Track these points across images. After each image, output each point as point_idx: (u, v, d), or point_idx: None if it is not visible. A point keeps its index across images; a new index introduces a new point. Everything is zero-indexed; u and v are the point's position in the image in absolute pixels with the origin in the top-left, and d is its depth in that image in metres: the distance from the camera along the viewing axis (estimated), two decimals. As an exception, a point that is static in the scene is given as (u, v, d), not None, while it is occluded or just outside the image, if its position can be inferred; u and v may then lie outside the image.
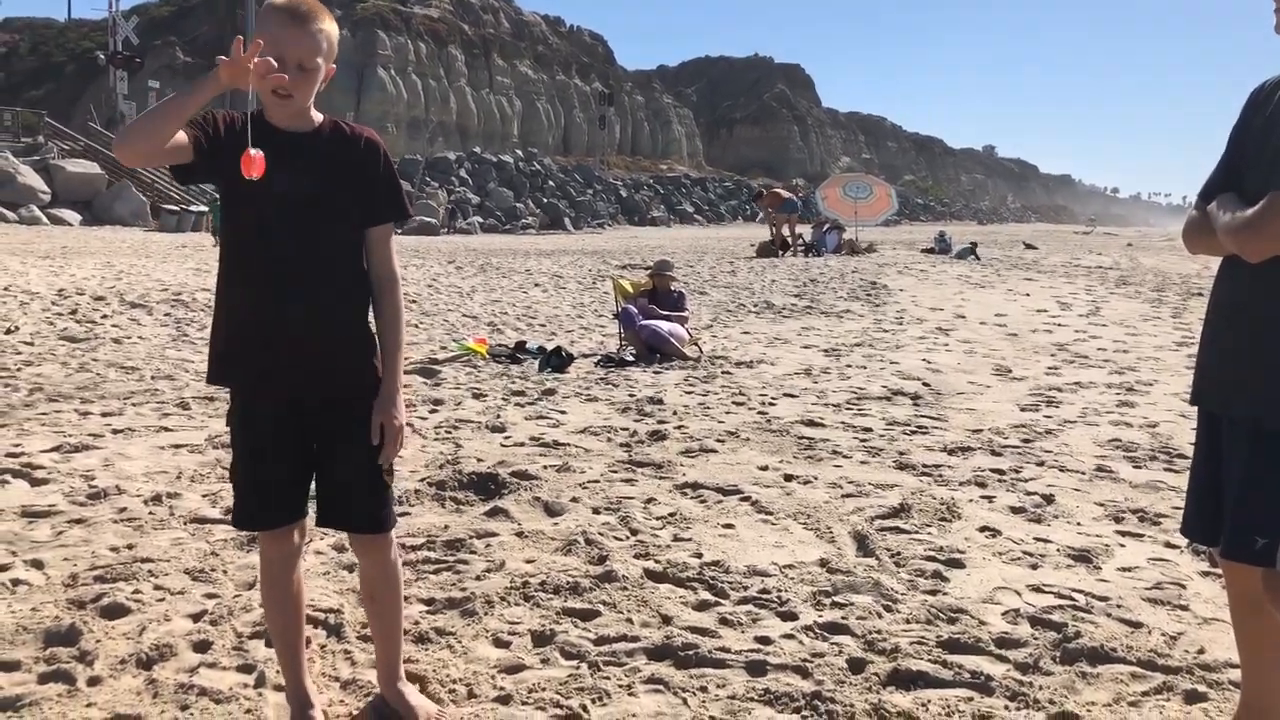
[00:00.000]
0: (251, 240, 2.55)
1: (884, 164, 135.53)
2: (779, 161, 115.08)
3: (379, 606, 2.87)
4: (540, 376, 8.60)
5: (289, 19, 2.48)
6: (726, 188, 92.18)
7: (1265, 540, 2.24)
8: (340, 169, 2.59)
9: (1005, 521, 4.64)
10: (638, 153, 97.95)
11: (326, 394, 2.62)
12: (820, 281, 18.05)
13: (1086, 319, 12.84)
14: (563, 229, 57.11)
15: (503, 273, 19.91)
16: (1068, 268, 22.39)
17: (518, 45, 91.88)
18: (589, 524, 4.47)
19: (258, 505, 2.67)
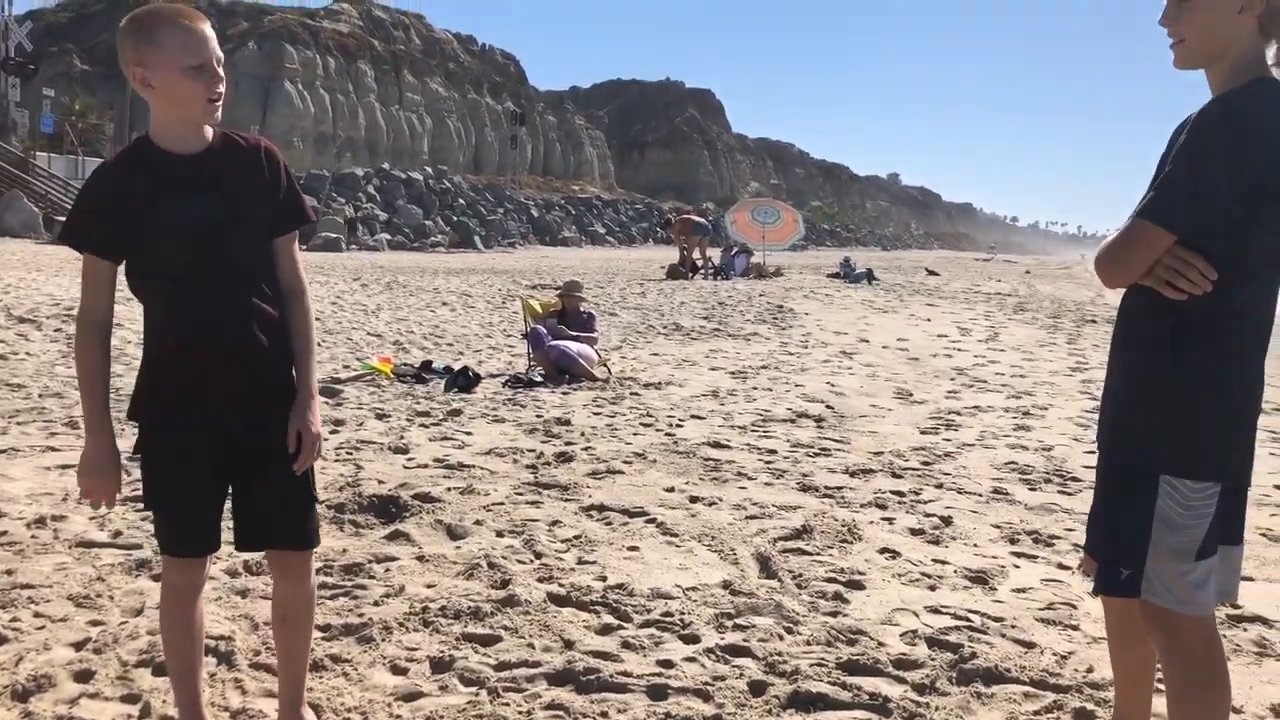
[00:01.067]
0: (168, 269, 2.50)
1: (791, 190, 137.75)
2: (689, 185, 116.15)
3: (291, 629, 2.79)
4: (446, 397, 8.50)
5: (188, 26, 2.42)
6: (638, 210, 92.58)
7: (1129, 571, 2.29)
8: (241, 183, 2.54)
9: (905, 543, 4.72)
10: (549, 173, 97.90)
11: (253, 412, 2.58)
12: (728, 304, 18.22)
13: (985, 344, 13.18)
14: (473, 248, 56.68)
15: (410, 291, 19.67)
16: (968, 294, 22.99)
17: (429, 62, 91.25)
18: (492, 547, 4.41)
19: (188, 532, 2.61)
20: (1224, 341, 2.22)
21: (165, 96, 2.43)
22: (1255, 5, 2.19)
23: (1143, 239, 2.20)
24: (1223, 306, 2.20)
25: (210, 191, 2.49)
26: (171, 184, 2.45)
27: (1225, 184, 2.12)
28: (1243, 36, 2.23)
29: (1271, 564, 4.59)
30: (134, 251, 2.49)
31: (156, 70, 2.39)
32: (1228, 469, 2.27)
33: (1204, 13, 2.23)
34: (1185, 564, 2.24)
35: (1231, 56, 2.24)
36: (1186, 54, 2.29)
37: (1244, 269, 2.20)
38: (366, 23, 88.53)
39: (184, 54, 2.39)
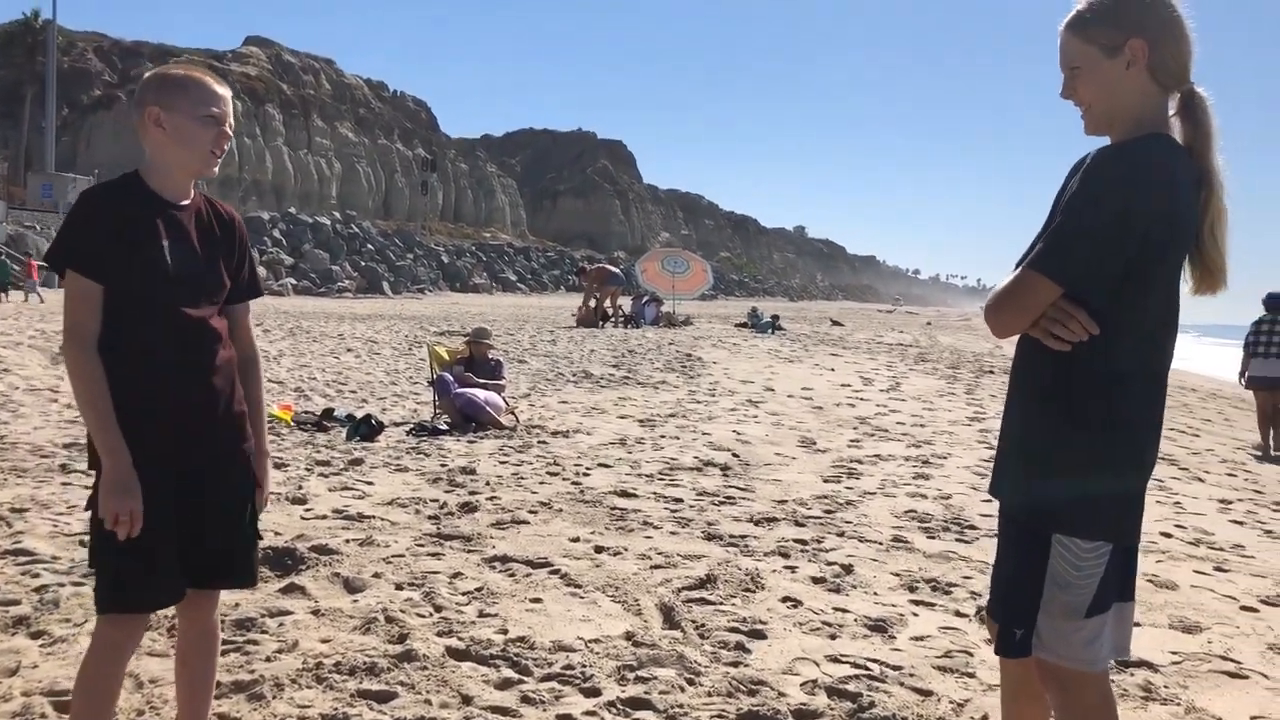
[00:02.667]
0: (145, 312, 2.53)
1: (701, 240, 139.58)
2: (601, 234, 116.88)
3: (196, 672, 2.79)
4: (347, 445, 8.34)
5: (212, 84, 2.62)
6: (549, 257, 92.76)
7: (1021, 632, 2.30)
8: (219, 245, 2.67)
9: (806, 592, 4.75)
10: (461, 219, 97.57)
11: (216, 460, 2.66)
12: (638, 352, 18.29)
13: (887, 394, 13.43)
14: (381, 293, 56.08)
15: (313, 337, 19.34)
16: (871, 344, 23.45)
17: (339, 107, 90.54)
18: (390, 601, 4.32)
19: (146, 585, 2.56)
20: (1117, 400, 2.21)
21: (173, 138, 2.56)
22: (1138, 59, 2.21)
23: (1029, 289, 2.20)
24: (1115, 363, 2.20)
25: (194, 245, 2.61)
26: (163, 228, 2.55)
27: (1112, 236, 2.13)
28: (1138, 92, 2.24)
29: (1157, 609, 4.73)
30: (117, 284, 2.50)
31: (173, 113, 2.55)
32: (1119, 529, 2.26)
33: (1093, 78, 2.26)
34: (1075, 621, 2.24)
35: (1132, 114, 2.25)
36: (1094, 119, 2.31)
37: (1133, 325, 2.21)
38: (275, 66, 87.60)
39: (203, 103, 2.57)
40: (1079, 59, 2.27)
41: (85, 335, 2.50)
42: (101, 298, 2.51)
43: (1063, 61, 2.32)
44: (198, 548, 2.63)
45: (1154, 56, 2.21)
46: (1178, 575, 5.32)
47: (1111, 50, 2.22)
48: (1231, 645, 4.32)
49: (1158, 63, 2.22)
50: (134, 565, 2.52)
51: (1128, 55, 2.21)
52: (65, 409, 9.62)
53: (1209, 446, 11.37)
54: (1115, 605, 2.30)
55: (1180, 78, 2.25)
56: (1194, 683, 3.86)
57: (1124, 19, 2.21)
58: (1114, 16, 2.22)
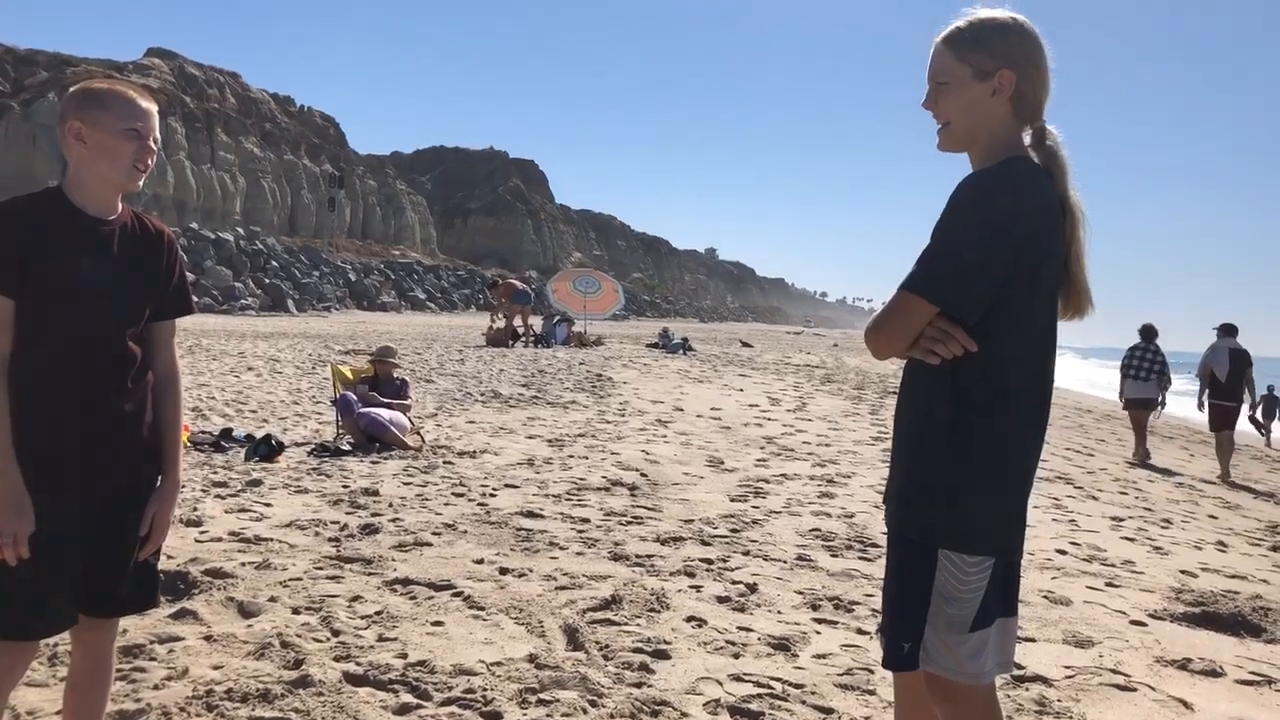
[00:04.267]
0: (58, 328, 2.45)
1: (613, 260, 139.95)
2: (512, 253, 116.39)
3: (89, 701, 2.70)
4: (246, 466, 8.12)
5: (138, 97, 2.56)
6: (460, 276, 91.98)
7: (909, 645, 2.32)
8: (143, 262, 2.60)
9: (711, 611, 4.75)
10: (369, 237, 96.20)
11: (118, 485, 2.56)
12: (548, 372, 18.21)
13: (794, 414, 13.60)
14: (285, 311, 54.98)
15: (213, 355, 18.86)
16: (779, 365, 23.74)
17: (244, 121, 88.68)
18: (286, 625, 4.21)
19: (39, 612, 2.47)
20: (999, 417, 2.26)
21: (95, 152, 2.50)
22: (1005, 89, 2.30)
23: (906, 309, 2.25)
24: (996, 382, 2.26)
25: (116, 261, 2.53)
26: (82, 242, 2.49)
27: (980, 258, 2.19)
28: (997, 118, 2.33)
29: (1051, 625, 4.84)
30: (29, 299, 2.42)
31: (94, 127, 2.49)
32: (1002, 544, 2.31)
33: (959, 96, 2.33)
34: (960, 635, 2.28)
35: (989, 138, 2.33)
36: (950, 136, 2.38)
37: (1011, 343, 2.26)
38: (178, 79, 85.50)
39: (125, 117, 2.51)
40: (949, 75, 2.34)
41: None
42: (11, 313, 2.43)
43: (931, 73, 2.38)
44: (98, 574, 2.55)
45: (1019, 89, 2.31)
46: (1072, 591, 5.46)
47: (983, 75, 2.30)
48: (1121, 659, 4.44)
49: (1020, 95, 2.31)
50: (24, 591, 2.43)
51: (995, 83, 2.30)
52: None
53: (1103, 465, 11.74)
54: (999, 620, 2.34)
55: (1036, 113, 2.35)
56: (1086, 696, 3.96)
57: (999, 49, 2.30)
58: (991, 44, 2.31)
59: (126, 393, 2.57)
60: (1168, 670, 4.37)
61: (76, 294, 2.46)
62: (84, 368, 2.49)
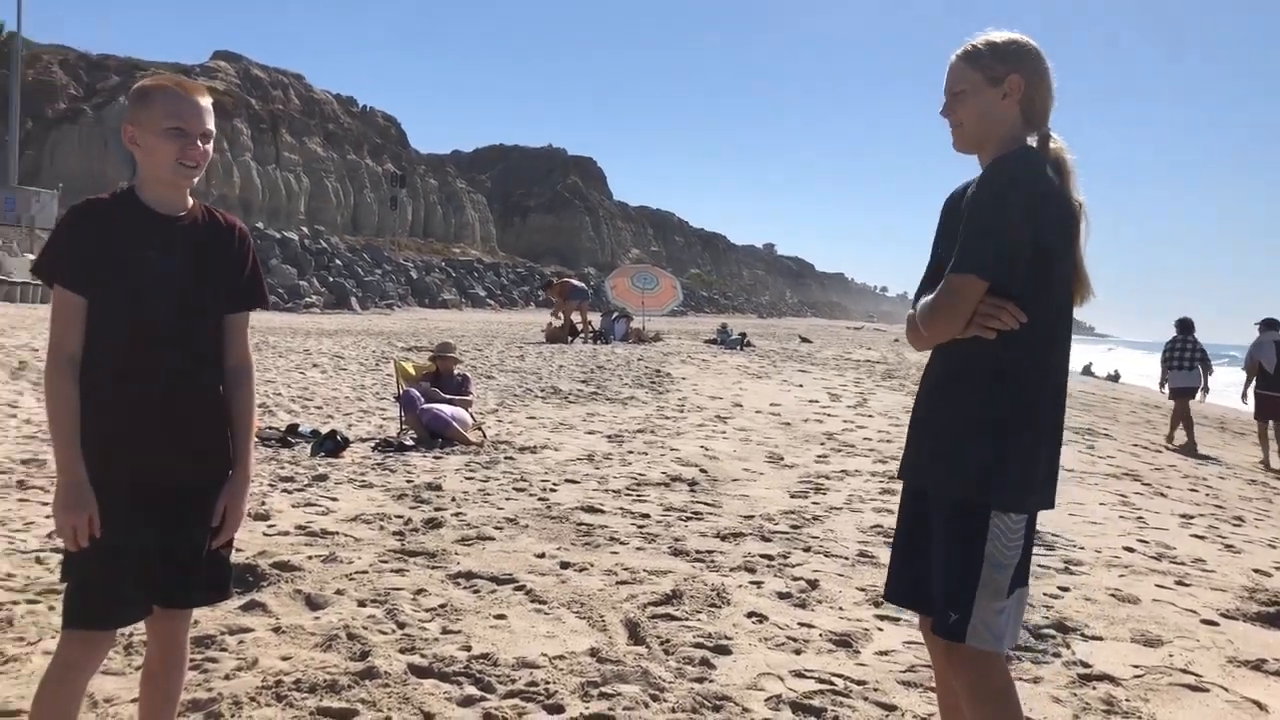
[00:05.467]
0: (128, 324, 2.51)
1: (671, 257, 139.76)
2: (571, 250, 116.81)
3: (164, 690, 2.75)
4: (312, 461, 8.26)
5: (181, 95, 2.57)
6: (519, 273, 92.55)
7: (957, 616, 2.46)
8: (211, 255, 2.64)
9: (772, 607, 4.74)
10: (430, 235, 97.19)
11: (188, 478, 2.60)
12: (607, 368, 18.27)
13: (855, 410, 13.49)
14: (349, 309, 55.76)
15: (279, 352, 19.18)
16: (839, 361, 23.56)
17: (308, 122, 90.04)
18: (352, 618, 4.28)
19: (113, 602, 2.52)
20: (1040, 383, 2.51)
21: (145, 154, 2.56)
22: (1014, 93, 2.57)
23: (962, 290, 2.46)
24: (1036, 352, 2.50)
25: (183, 255, 2.58)
26: (149, 239, 2.54)
27: (1020, 228, 2.42)
28: (1007, 121, 2.59)
29: (1119, 623, 4.76)
30: (100, 298, 2.49)
31: (141, 128, 2.55)
32: (1042, 500, 2.54)
33: (974, 101, 2.59)
34: (999, 601, 2.45)
35: (999, 140, 2.58)
36: (964, 137, 2.64)
37: (1047, 315, 2.49)
38: (244, 81, 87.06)
39: (166, 116, 2.54)
40: (964, 84, 2.61)
41: (62, 351, 2.50)
42: (84, 312, 2.50)
43: (948, 85, 2.65)
44: (170, 566, 2.59)
45: (1027, 94, 2.58)
46: (1140, 590, 5.36)
47: (994, 80, 2.58)
48: (1192, 659, 4.35)
49: (1028, 101, 2.59)
50: (98, 583, 2.50)
51: (1006, 87, 2.57)
52: (24, 425, 9.48)
53: (1171, 463, 11.50)
54: (1018, 590, 2.51)
55: (1041, 120, 2.62)
56: (1155, 696, 3.89)
57: (1009, 57, 2.58)
58: (1001, 54, 2.59)
59: (198, 386, 2.62)
60: (1241, 671, 4.28)
61: (146, 290, 2.52)
62: (155, 362, 2.54)
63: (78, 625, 2.53)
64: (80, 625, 2.53)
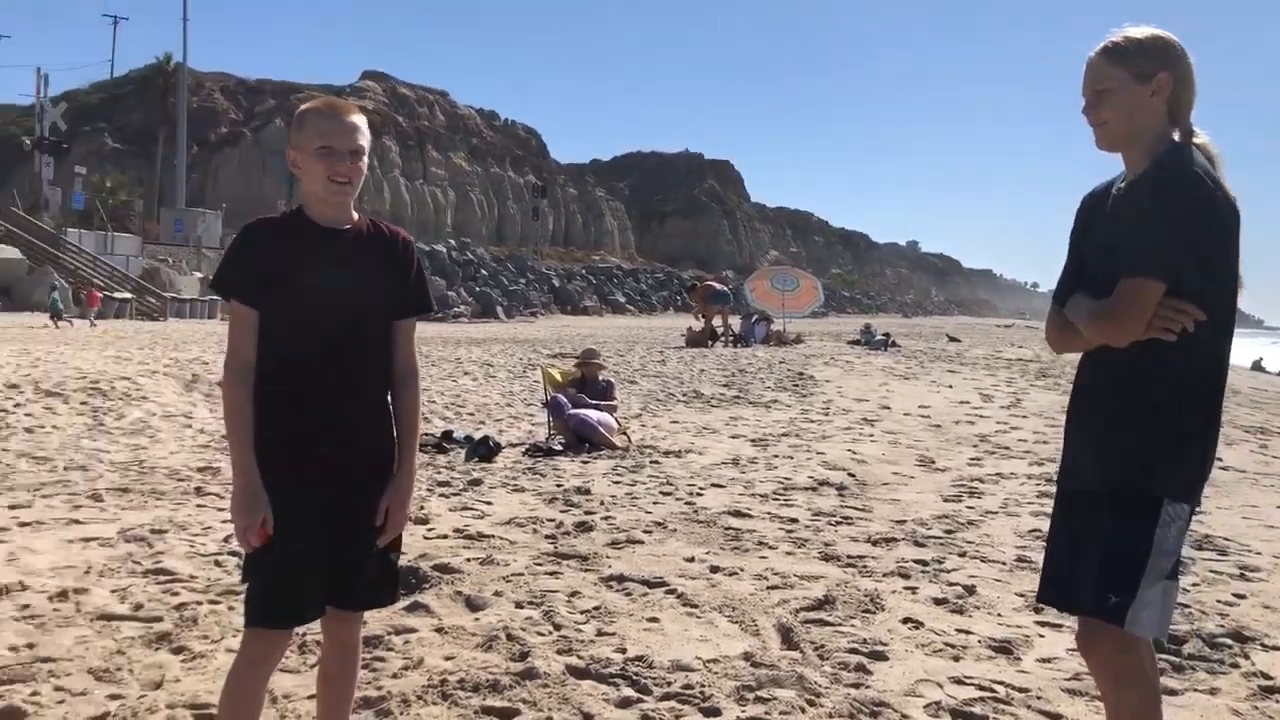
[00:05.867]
0: (298, 333, 2.65)
1: (811, 257, 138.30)
2: (709, 254, 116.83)
3: (339, 688, 2.87)
4: (466, 466, 8.51)
5: (330, 113, 2.70)
6: (658, 279, 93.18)
7: (1117, 599, 2.46)
8: (376, 264, 2.75)
9: (928, 613, 4.66)
10: (570, 243, 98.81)
11: (356, 480, 2.70)
12: (749, 372, 18.22)
13: (1008, 411, 13.10)
14: (495, 318, 57.21)
15: (432, 361, 19.78)
16: (990, 360, 22.90)
17: (452, 138, 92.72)
18: (511, 619, 4.39)
19: (290, 602, 2.65)
20: (1212, 378, 2.55)
21: (303, 174, 2.69)
22: (1162, 90, 2.55)
23: (1142, 293, 2.44)
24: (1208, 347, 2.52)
25: (349, 266, 2.69)
26: (316, 252, 2.67)
27: (1195, 236, 2.43)
28: (1155, 117, 2.57)
29: (1304, 633, 4.50)
30: (272, 310, 2.63)
31: (298, 150, 2.68)
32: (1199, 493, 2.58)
33: (1121, 99, 2.57)
34: (1156, 590, 2.48)
35: (1147, 137, 2.57)
36: (1110, 135, 2.61)
37: (1219, 312, 2.50)
38: (391, 100, 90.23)
39: (317, 136, 2.65)
40: (1109, 81, 2.58)
41: (238, 360, 2.64)
42: (256, 323, 2.64)
43: (1089, 84, 2.62)
44: (341, 568, 2.69)
45: (1174, 91, 2.56)
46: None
47: (1143, 77, 2.55)
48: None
49: (1174, 97, 2.57)
50: (276, 582, 2.62)
51: (1154, 85, 2.55)
52: (198, 434, 10.05)
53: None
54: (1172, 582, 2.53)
55: (1185, 115, 2.60)
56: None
57: (1156, 54, 2.56)
58: (1148, 50, 2.57)
59: (365, 390, 2.72)
60: None
61: (314, 301, 2.64)
62: (323, 369, 2.65)
63: (258, 624, 2.66)
64: (261, 624, 2.66)
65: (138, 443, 9.35)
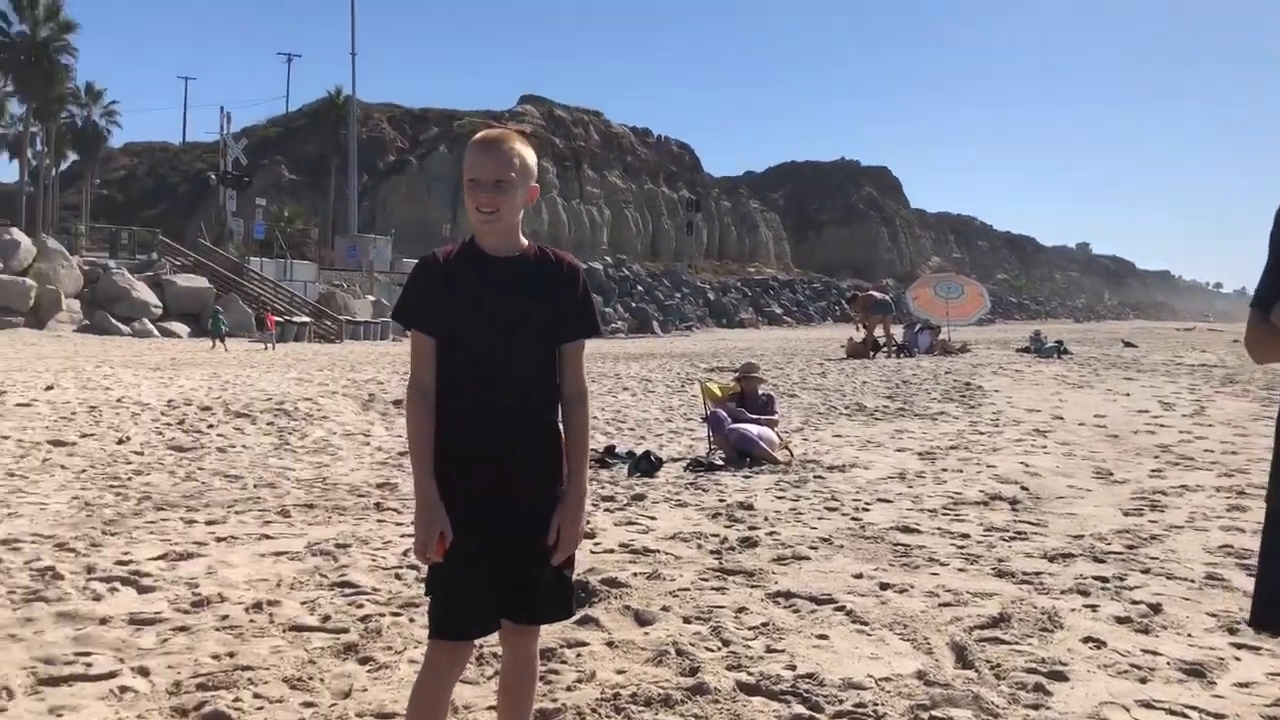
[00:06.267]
0: (471, 357, 2.76)
1: (975, 263, 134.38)
2: (868, 262, 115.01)
3: (517, 700, 2.95)
4: (629, 481, 8.63)
5: (479, 147, 2.80)
6: (815, 289, 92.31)
7: None
8: (543, 289, 2.82)
9: (1110, 632, 4.47)
10: (725, 256, 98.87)
11: (527, 496, 2.78)
12: (913, 383, 17.85)
13: (1191, 419, 12.44)
14: (651, 332, 57.76)
15: (591, 377, 20.11)
16: (1170, 366, 21.78)
17: (607, 156, 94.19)
18: (680, 634, 4.43)
19: (470, 615, 2.76)
20: None
21: (466, 205, 2.81)
22: None
23: None
24: None
25: (517, 293, 2.78)
26: (486, 281, 2.77)
27: None
28: None
29: None
30: (447, 335, 2.76)
31: (464, 182, 2.79)
32: None
33: None
34: None
35: None
36: None
37: None
38: (548, 122, 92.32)
39: (467, 169, 2.77)
40: None
41: (418, 383, 2.78)
42: (434, 349, 2.77)
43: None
44: (516, 584, 2.77)
45: None
46: None
47: None
48: None
49: None
50: (450, 596, 2.73)
51: None
52: (376, 451, 10.49)
53: None
54: None
55: None
56: None
57: None
58: None
59: (534, 411, 2.80)
60: None
61: (485, 327, 2.73)
62: (495, 391, 2.74)
63: (439, 636, 2.78)
64: (441, 636, 2.78)
65: (320, 460, 9.84)
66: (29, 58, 59.54)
